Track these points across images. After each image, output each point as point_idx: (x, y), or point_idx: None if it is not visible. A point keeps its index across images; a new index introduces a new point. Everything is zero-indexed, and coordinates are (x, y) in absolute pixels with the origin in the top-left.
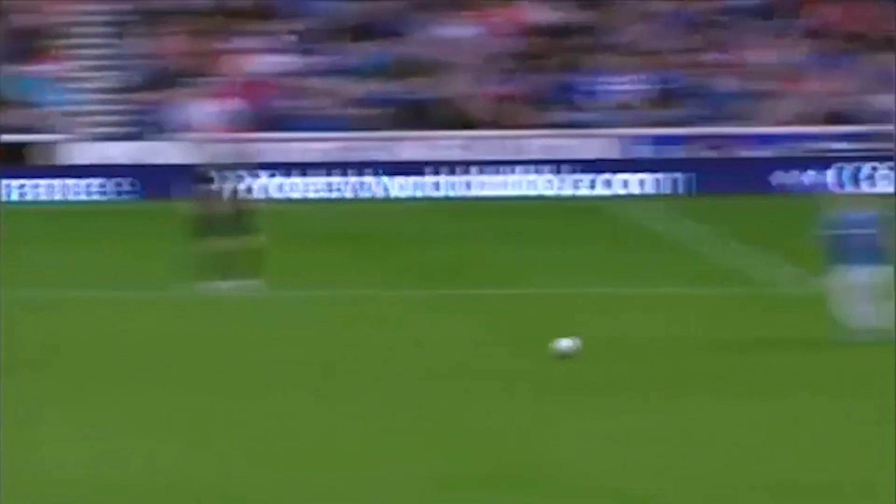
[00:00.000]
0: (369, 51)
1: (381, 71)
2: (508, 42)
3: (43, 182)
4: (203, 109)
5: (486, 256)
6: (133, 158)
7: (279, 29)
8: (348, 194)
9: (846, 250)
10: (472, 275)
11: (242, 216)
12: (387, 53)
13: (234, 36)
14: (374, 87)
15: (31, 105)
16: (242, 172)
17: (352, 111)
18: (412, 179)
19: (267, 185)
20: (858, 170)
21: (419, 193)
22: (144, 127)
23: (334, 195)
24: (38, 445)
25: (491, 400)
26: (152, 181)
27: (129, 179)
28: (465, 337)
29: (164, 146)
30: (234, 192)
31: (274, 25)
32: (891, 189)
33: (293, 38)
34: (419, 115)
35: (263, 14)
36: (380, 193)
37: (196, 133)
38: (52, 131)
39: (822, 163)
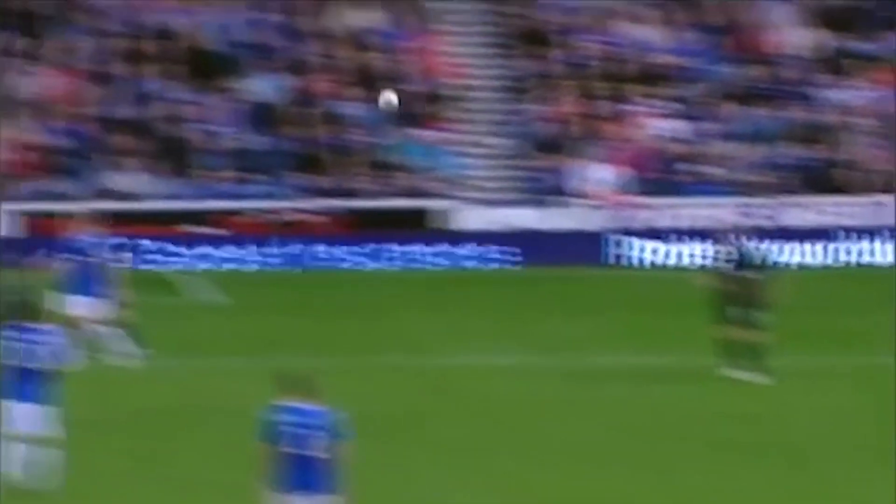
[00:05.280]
0: (759, 115)
1: (772, 135)
2: None
3: (438, 247)
4: (594, 174)
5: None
6: (525, 224)
7: (669, 94)
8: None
9: None
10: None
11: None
12: (778, 118)
13: (625, 100)
14: (766, 151)
15: (424, 169)
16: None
17: (743, 176)
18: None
19: (657, 251)
20: None
21: (809, 260)
22: (537, 192)
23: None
24: None
25: None
26: (542, 248)
27: (520, 245)
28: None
29: (557, 212)
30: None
31: (664, 90)
32: None
33: (683, 103)
34: (813, 180)
35: (654, 79)
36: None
37: (589, 199)
38: (446, 196)
39: None
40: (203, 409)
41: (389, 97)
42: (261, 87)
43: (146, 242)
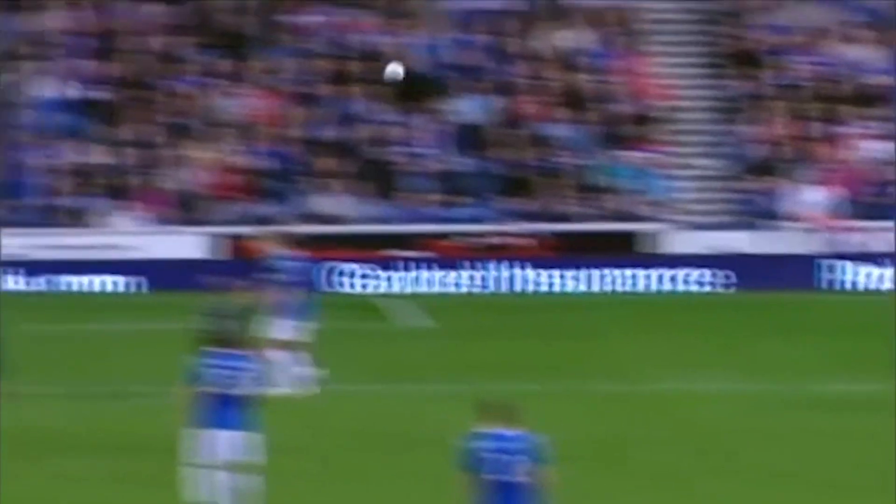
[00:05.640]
0: None
1: None
2: None
3: (647, 271)
4: (807, 197)
5: None
6: (737, 247)
7: (883, 115)
8: None
9: None
10: None
11: None
12: None
13: (838, 122)
14: None
15: (632, 192)
16: None
17: None
18: None
19: (871, 276)
20: None
21: None
22: (748, 215)
23: None
24: None
25: None
26: (754, 271)
27: (731, 269)
28: None
29: (768, 235)
30: None
31: (878, 111)
32: None
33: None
34: None
35: (867, 99)
36: None
37: (801, 222)
38: (655, 220)
39: None
40: (406, 434)
41: (395, 68)
42: (467, 108)
43: (351, 266)
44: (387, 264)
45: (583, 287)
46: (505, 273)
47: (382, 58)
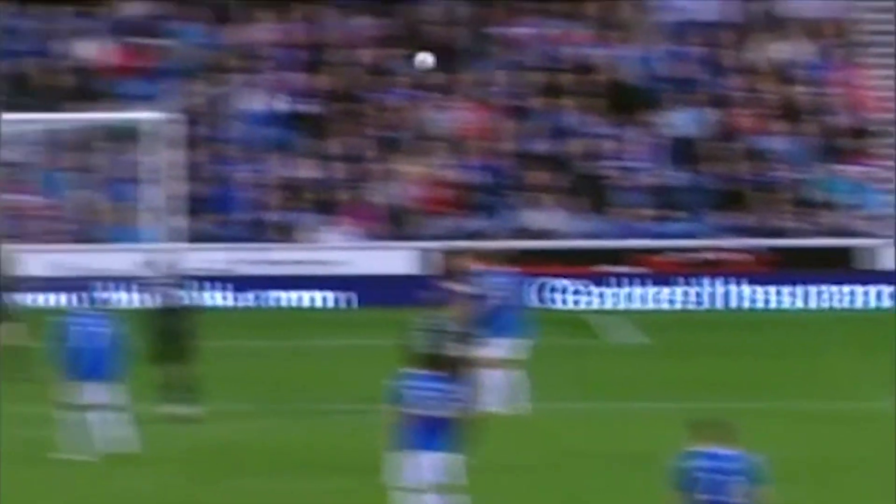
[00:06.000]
0: None
1: None
2: None
3: (865, 287)
4: None
5: None
6: None
7: None
8: None
9: None
10: None
11: None
12: None
13: None
14: None
15: (850, 207)
16: None
17: None
18: None
19: None
20: None
21: None
22: None
23: None
24: None
25: None
26: None
27: None
28: None
29: None
30: None
31: None
32: None
33: None
34: None
35: None
36: None
37: None
38: (873, 235)
39: None
40: (617, 452)
41: (424, 58)
42: (681, 121)
43: (562, 282)
44: (599, 280)
45: (799, 303)
46: (720, 289)
47: (595, 70)
